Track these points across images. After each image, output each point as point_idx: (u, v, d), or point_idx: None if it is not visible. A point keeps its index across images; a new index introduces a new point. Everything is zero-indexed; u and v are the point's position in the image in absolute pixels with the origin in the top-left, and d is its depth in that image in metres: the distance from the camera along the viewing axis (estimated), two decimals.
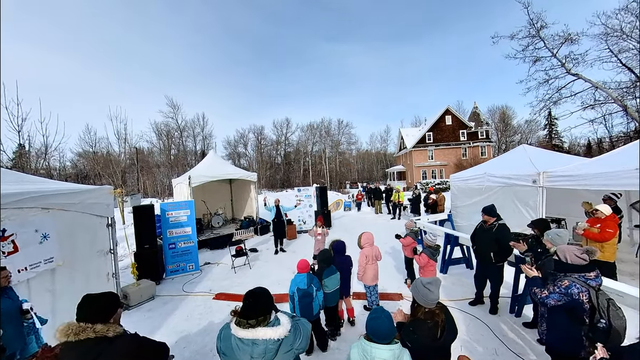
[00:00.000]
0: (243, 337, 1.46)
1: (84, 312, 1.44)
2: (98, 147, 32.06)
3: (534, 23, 13.09)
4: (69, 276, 3.31)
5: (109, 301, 1.55)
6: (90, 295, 1.53)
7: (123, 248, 7.46)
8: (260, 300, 1.57)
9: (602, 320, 1.95)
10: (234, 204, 12.55)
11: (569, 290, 2.11)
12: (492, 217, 3.92)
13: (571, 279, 2.15)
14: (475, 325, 3.63)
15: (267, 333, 1.45)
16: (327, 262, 3.32)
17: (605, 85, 12.30)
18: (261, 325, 1.48)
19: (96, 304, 1.48)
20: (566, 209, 6.59)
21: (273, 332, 1.46)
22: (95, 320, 1.41)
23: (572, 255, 2.24)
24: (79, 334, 1.34)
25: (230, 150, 50.79)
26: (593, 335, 1.99)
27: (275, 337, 1.45)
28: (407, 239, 4.70)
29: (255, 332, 1.45)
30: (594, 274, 2.15)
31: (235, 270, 6.17)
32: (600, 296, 2.04)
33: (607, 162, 4.11)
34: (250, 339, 1.46)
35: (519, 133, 44.43)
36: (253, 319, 1.49)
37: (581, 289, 2.08)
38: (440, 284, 2.02)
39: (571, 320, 2.12)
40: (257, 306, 1.53)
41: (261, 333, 1.45)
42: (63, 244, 3.24)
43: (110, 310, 1.51)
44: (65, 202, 3.29)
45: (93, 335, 1.36)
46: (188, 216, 6.39)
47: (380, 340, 1.64)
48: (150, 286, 5.01)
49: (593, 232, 3.89)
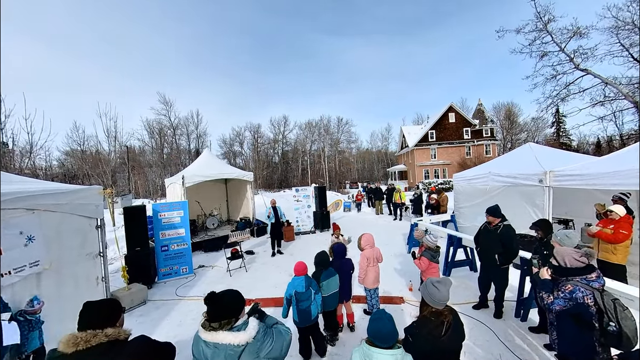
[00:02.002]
0: (206, 340, 1.49)
1: (91, 319, 1.45)
2: (87, 146, 32.02)
3: (541, 16, 13.10)
4: (56, 280, 3.29)
5: (113, 305, 1.58)
6: (92, 303, 1.55)
7: (113, 251, 7.43)
8: (221, 303, 1.57)
9: (612, 323, 1.95)
10: (229, 204, 12.53)
11: (574, 295, 2.12)
12: (496, 218, 3.92)
13: (574, 283, 2.17)
14: (480, 330, 3.63)
15: (227, 337, 1.45)
16: (324, 265, 3.32)
17: (615, 81, 12.29)
18: (224, 329, 1.49)
19: (102, 310, 1.51)
20: (574, 210, 6.61)
21: (233, 337, 1.45)
22: (104, 325, 1.43)
23: (571, 259, 2.27)
24: (89, 340, 1.35)
25: (225, 149, 50.83)
26: (605, 341, 1.99)
27: (235, 343, 1.44)
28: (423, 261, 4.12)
29: (216, 336, 1.47)
30: (595, 274, 2.17)
31: (230, 273, 6.16)
32: (605, 297, 2.05)
33: (616, 160, 4.12)
34: (211, 342, 1.48)
35: (525, 131, 44.59)
36: (216, 322, 1.51)
37: (585, 293, 2.09)
38: (450, 285, 2.02)
39: (580, 325, 2.12)
40: (218, 309, 1.54)
41: (221, 337, 1.46)
42: (50, 247, 3.22)
43: (116, 314, 1.55)
44: (52, 203, 3.27)
45: (105, 340, 1.38)
46: (181, 217, 6.38)
47: (382, 343, 1.64)
48: (142, 290, 5.00)
49: (606, 233, 3.88)
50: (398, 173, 39.61)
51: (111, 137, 29.19)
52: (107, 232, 4.45)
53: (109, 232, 4.98)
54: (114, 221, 6.90)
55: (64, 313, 3.04)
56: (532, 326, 3.61)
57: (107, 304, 1.58)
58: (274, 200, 8.18)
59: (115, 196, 17.38)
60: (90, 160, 27.83)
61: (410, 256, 6.76)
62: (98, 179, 23.99)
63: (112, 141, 29.58)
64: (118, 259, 6.97)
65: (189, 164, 13.40)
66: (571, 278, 2.21)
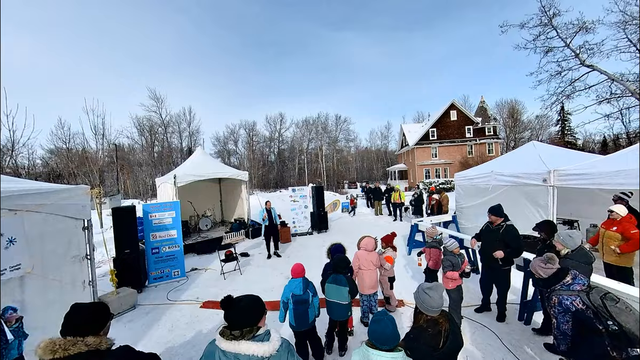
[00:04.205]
0: (226, 350, 1.40)
1: (75, 324, 1.42)
2: (72, 144, 31.57)
3: (546, 10, 13.14)
4: (40, 285, 3.25)
5: (101, 312, 1.55)
6: (80, 306, 1.52)
7: (101, 254, 7.39)
8: (240, 307, 1.50)
9: (609, 322, 1.94)
10: (223, 205, 12.49)
11: (563, 305, 2.14)
12: (499, 218, 3.95)
13: (557, 293, 2.21)
14: (482, 334, 3.65)
15: (251, 348, 1.38)
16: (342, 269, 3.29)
17: (622, 78, 12.33)
18: (246, 338, 1.42)
19: (87, 315, 1.47)
20: (580, 210, 6.67)
21: (258, 347, 1.38)
22: (86, 332, 1.39)
23: (541, 269, 2.35)
24: (68, 349, 1.32)
25: (219, 148, 50.72)
26: (612, 342, 1.97)
27: (259, 354, 1.37)
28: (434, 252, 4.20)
29: (238, 346, 1.39)
30: (570, 277, 2.20)
31: (224, 276, 6.13)
32: (591, 296, 2.05)
33: (623, 159, 4.14)
34: (232, 352, 1.39)
35: (529, 129, 44.96)
36: (237, 330, 1.44)
37: (571, 298, 2.11)
38: (442, 290, 2.03)
39: (587, 333, 2.10)
40: (238, 314, 1.48)
41: (244, 347, 1.38)
42: (32, 249, 3.18)
43: (102, 321, 1.51)
44: (35, 203, 3.23)
45: (85, 349, 1.34)
46: (173, 218, 6.35)
47: (382, 344, 1.64)
48: (131, 294, 4.96)
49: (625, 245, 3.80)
50: (398, 172, 39.71)
51: (99, 134, 29.01)
52: (94, 233, 4.41)
53: (96, 234, 4.94)
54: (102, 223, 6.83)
55: (47, 319, 3.00)
56: (536, 327, 3.64)
57: (92, 309, 1.53)
58: (269, 202, 8.06)
59: (103, 196, 17.24)
60: (76, 159, 27.62)
61: (410, 258, 6.79)
62: (85, 179, 23.83)
63: (100, 139, 29.39)
64: (106, 262, 6.93)
65: (181, 163, 13.34)
66: (553, 288, 2.26)
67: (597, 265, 3.41)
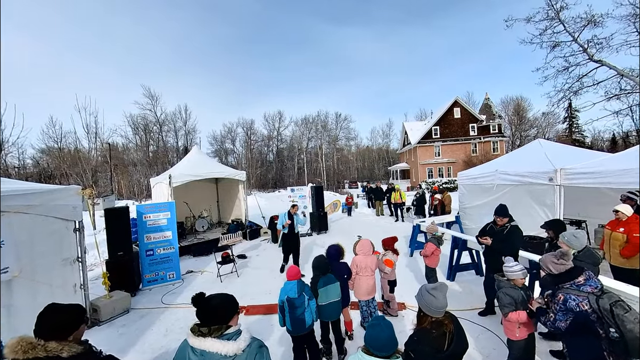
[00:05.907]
0: (193, 346, 1.47)
1: (41, 326, 1.40)
2: (64, 143, 31.66)
3: (553, 4, 13.06)
4: (29, 289, 3.24)
5: (71, 316, 1.51)
6: (52, 307, 1.49)
7: (93, 256, 7.39)
8: (209, 305, 1.56)
9: (612, 329, 1.91)
10: (220, 205, 12.50)
11: (567, 305, 2.10)
12: (504, 218, 3.94)
13: (564, 291, 2.16)
14: (486, 338, 3.64)
15: (215, 345, 1.42)
16: (323, 270, 3.30)
17: (632, 73, 12.24)
18: (213, 336, 1.46)
19: (55, 318, 1.45)
20: (587, 210, 6.65)
21: (221, 345, 1.42)
22: (50, 336, 1.36)
23: (553, 264, 2.29)
24: (27, 351, 1.29)
25: (216, 147, 50.79)
26: (612, 349, 1.95)
27: (223, 352, 1.40)
28: (429, 246, 4.51)
29: (204, 342, 1.44)
30: (583, 278, 2.15)
31: (221, 279, 6.14)
32: (601, 301, 2.01)
33: (632, 157, 4.09)
34: (199, 348, 1.45)
35: (535, 127, 44.98)
36: (205, 327, 1.49)
37: (578, 299, 2.07)
38: (446, 290, 2.02)
39: (587, 336, 2.08)
40: (206, 312, 1.54)
41: (209, 344, 1.43)
42: (21, 252, 3.17)
43: (70, 326, 1.47)
44: (24, 204, 3.22)
45: (43, 355, 1.31)
46: (168, 219, 6.34)
47: (379, 351, 1.63)
48: (125, 298, 4.96)
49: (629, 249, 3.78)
50: (400, 172, 39.73)
51: (91, 133, 29.05)
52: (86, 235, 4.40)
53: (88, 235, 4.93)
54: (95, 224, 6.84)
55: None
56: (542, 331, 3.62)
57: (65, 311, 1.50)
58: (296, 206, 6.99)
59: (96, 197, 17.24)
60: (68, 159, 27.58)
61: (412, 260, 6.79)
62: (77, 179, 23.78)
63: (93, 138, 29.44)
64: (99, 264, 6.92)
65: (176, 163, 13.34)
66: (561, 286, 2.21)
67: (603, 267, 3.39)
